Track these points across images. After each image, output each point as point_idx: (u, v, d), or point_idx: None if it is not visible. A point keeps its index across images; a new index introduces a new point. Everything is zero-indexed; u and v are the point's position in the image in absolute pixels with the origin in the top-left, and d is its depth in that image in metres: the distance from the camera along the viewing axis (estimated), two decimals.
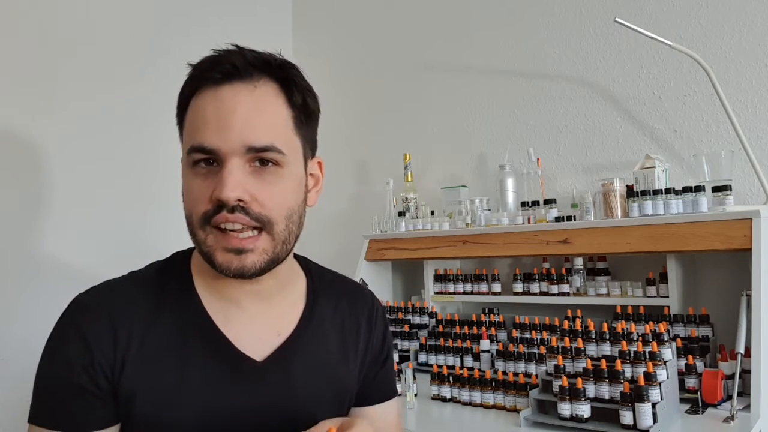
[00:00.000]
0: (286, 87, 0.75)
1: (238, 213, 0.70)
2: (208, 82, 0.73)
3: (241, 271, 0.72)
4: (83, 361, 0.71)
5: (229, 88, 0.72)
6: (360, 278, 1.99)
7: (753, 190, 1.57)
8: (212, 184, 0.71)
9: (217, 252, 0.72)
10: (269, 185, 0.72)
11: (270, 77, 0.75)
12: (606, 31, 1.83)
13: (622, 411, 1.10)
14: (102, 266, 1.04)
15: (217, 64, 0.73)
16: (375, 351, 0.92)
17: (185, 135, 0.75)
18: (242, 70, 0.72)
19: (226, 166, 0.70)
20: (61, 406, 0.71)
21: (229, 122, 0.70)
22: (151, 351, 0.73)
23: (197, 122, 0.72)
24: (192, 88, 0.75)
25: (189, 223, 0.74)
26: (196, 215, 0.72)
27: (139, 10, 1.98)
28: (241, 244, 0.71)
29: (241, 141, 0.70)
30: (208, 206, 0.71)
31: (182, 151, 0.76)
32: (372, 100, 2.44)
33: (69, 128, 1.77)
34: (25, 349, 1.55)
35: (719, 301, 1.48)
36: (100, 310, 0.74)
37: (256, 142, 0.71)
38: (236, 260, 0.71)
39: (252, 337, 0.78)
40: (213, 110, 0.71)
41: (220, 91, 0.72)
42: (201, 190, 0.71)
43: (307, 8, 2.66)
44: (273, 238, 0.73)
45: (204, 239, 0.72)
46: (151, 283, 0.79)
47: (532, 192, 1.83)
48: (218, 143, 0.70)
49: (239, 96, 0.72)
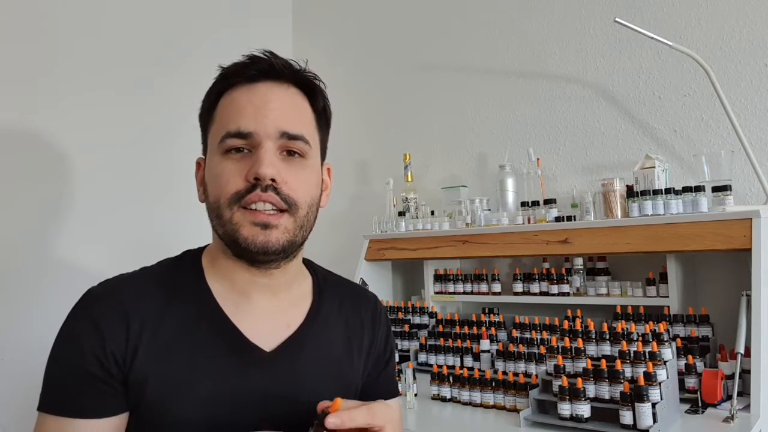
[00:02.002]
0: (311, 93, 0.83)
1: (270, 192, 0.74)
2: (242, 79, 0.78)
3: (265, 246, 0.75)
4: (95, 349, 0.72)
5: (263, 85, 0.78)
6: (360, 278, 1.99)
7: (753, 190, 1.57)
8: (245, 166, 0.75)
9: (243, 227, 0.75)
10: (297, 172, 0.78)
11: (297, 83, 0.81)
12: (606, 31, 1.83)
13: (622, 411, 1.11)
14: (108, 267, 1.04)
15: (251, 64, 0.79)
16: (378, 350, 0.94)
17: (216, 126, 0.79)
18: (277, 71, 0.79)
19: (262, 147, 0.75)
20: (72, 393, 0.73)
21: (264, 110, 0.76)
22: (163, 340, 0.75)
23: (231, 112, 0.77)
24: (224, 86, 0.80)
25: (215, 207, 0.77)
26: (225, 196, 0.75)
27: (143, 15, 1.98)
28: (267, 219, 0.75)
29: (276, 126, 0.76)
30: (240, 185, 0.75)
31: (209, 143, 0.80)
32: (372, 100, 2.44)
33: (82, 129, 1.77)
34: (27, 349, 1.56)
35: (719, 301, 1.48)
36: (112, 300, 0.76)
37: (290, 129, 0.77)
38: (261, 234, 0.75)
39: (262, 329, 0.80)
40: (248, 101, 0.77)
41: (255, 86, 0.78)
42: (233, 172, 0.75)
43: (307, 9, 2.66)
44: (295, 220, 0.77)
45: (230, 217, 0.75)
46: (163, 276, 0.81)
47: (532, 192, 1.83)
48: (255, 127, 0.75)
49: (273, 91, 0.78)
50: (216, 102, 0.80)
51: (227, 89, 0.79)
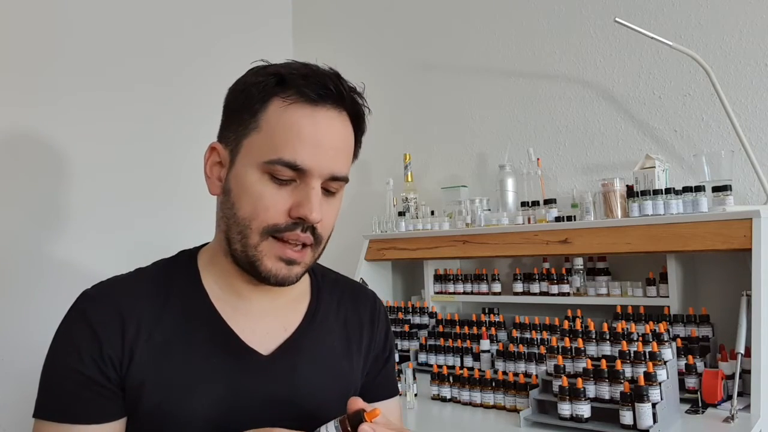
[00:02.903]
0: (359, 124, 0.80)
1: (308, 232, 0.74)
2: (302, 97, 0.73)
3: (285, 280, 0.75)
4: (92, 352, 0.72)
5: (324, 111, 0.74)
6: (360, 278, 1.99)
7: (753, 190, 1.57)
8: (288, 197, 0.73)
9: (267, 259, 0.74)
10: (330, 209, 0.78)
11: (349, 110, 0.78)
12: (606, 31, 1.83)
13: (622, 411, 1.10)
14: (108, 266, 1.04)
15: (314, 81, 0.74)
16: (378, 349, 0.93)
17: (264, 140, 0.73)
18: (337, 97, 0.75)
19: (313, 188, 0.73)
20: (70, 398, 0.72)
21: (324, 147, 0.73)
22: (159, 343, 0.74)
23: (289, 136, 0.72)
24: (278, 92, 0.74)
25: (242, 225, 0.74)
26: (261, 222, 0.73)
27: (143, 14, 1.98)
28: (294, 255, 0.75)
29: (330, 168, 0.74)
30: (281, 220, 0.73)
31: (244, 149, 0.74)
32: (372, 100, 2.41)
33: (79, 129, 1.77)
34: (26, 350, 1.55)
35: (719, 301, 1.48)
36: (107, 303, 0.75)
37: (339, 172, 0.76)
38: (285, 269, 0.75)
39: (258, 332, 0.79)
40: (310, 131, 0.73)
41: (317, 112, 0.74)
42: (276, 201, 0.73)
43: (307, 9, 2.66)
44: (314, 254, 0.78)
45: (257, 244, 0.74)
46: (158, 278, 0.80)
47: (532, 192, 1.83)
48: (310, 165, 0.72)
49: (333, 123, 0.75)
50: (263, 106, 0.74)
51: (281, 98, 0.73)
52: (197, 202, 0.84)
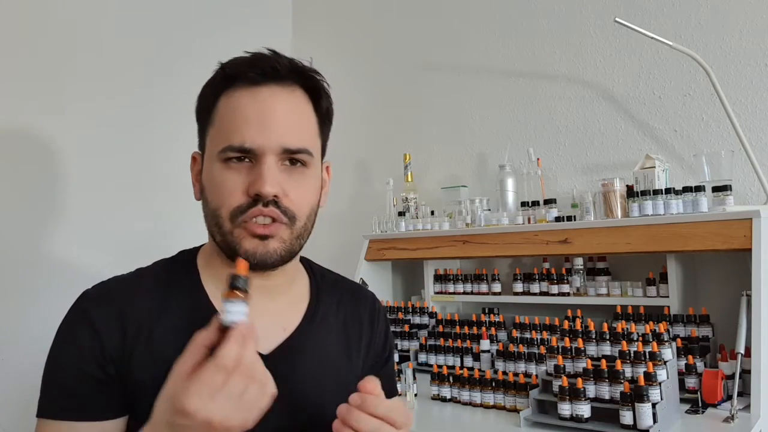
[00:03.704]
0: (315, 95, 0.81)
1: (271, 207, 0.74)
2: (244, 81, 0.76)
3: (264, 257, 0.75)
4: (94, 351, 0.73)
5: (267, 89, 0.76)
6: (360, 278, 1.99)
7: (753, 190, 1.57)
8: (246, 178, 0.74)
9: (243, 240, 0.75)
10: (298, 183, 0.77)
11: (301, 84, 0.79)
12: (606, 31, 1.83)
13: (622, 411, 1.10)
14: (108, 266, 1.04)
15: (254, 65, 0.76)
16: (377, 349, 0.93)
17: (217, 131, 0.77)
18: (280, 73, 0.76)
19: (265, 163, 0.74)
20: (72, 396, 0.72)
21: (269, 123, 0.74)
22: (159, 342, 0.75)
23: (235, 120, 0.75)
24: (225, 85, 0.77)
25: (215, 215, 0.76)
26: (226, 208, 0.75)
27: (143, 14, 1.98)
28: (264, 230, 0.75)
29: (280, 141, 0.74)
30: (241, 200, 0.74)
31: (207, 145, 0.79)
32: (372, 100, 2.43)
33: (78, 128, 1.77)
34: (26, 349, 1.55)
35: (719, 301, 1.48)
36: (108, 302, 0.76)
37: (292, 144, 0.75)
38: (261, 246, 0.75)
39: (258, 332, 0.79)
40: (253, 110, 0.75)
41: (258, 91, 0.75)
42: (235, 184, 0.74)
43: (307, 9, 2.66)
44: (291, 231, 0.77)
45: (231, 230, 0.75)
46: (158, 277, 0.81)
47: (532, 192, 1.83)
48: (258, 142, 0.73)
49: (278, 97, 0.76)
50: (215, 102, 0.78)
51: (228, 89, 0.77)
52: (197, 203, 0.85)
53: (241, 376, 0.58)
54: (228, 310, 0.60)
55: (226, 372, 0.57)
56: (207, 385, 0.57)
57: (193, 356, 0.59)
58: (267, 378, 0.62)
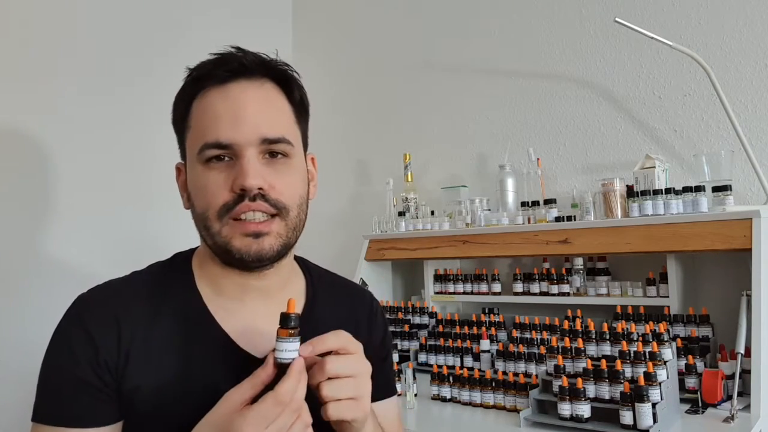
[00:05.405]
0: (286, 85, 0.80)
1: (259, 201, 0.73)
2: (213, 81, 0.76)
3: (259, 254, 0.74)
4: (88, 356, 0.72)
5: (237, 85, 0.75)
6: (360, 278, 1.99)
7: (753, 190, 1.57)
8: (230, 176, 0.73)
9: (234, 239, 0.74)
10: (282, 174, 0.76)
11: (271, 77, 0.78)
12: (606, 31, 1.83)
13: (622, 411, 1.10)
14: (103, 268, 1.04)
15: (221, 64, 0.76)
16: (375, 349, 0.92)
17: (193, 134, 0.77)
18: (248, 68, 0.76)
19: (245, 157, 0.73)
20: (67, 401, 0.72)
21: (242, 116, 0.74)
22: (154, 347, 0.74)
23: (207, 120, 0.75)
24: (195, 89, 0.77)
25: (203, 218, 0.76)
26: (213, 208, 0.74)
27: (139, 12, 1.98)
28: (257, 228, 0.74)
29: (256, 133, 0.74)
30: (227, 197, 0.73)
31: (187, 151, 0.79)
32: (372, 100, 2.43)
33: (72, 129, 1.76)
34: (24, 351, 1.55)
35: (719, 301, 1.48)
36: (103, 307, 0.75)
37: (270, 134, 0.74)
38: (254, 244, 0.74)
39: (253, 334, 0.79)
40: (223, 106, 0.74)
41: (228, 88, 0.75)
42: (218, 183, 0.74)
43: (307, 9, 2.66)
44: (286, 223, 0.76)
45: (220, 230, 0.74)
46: (153, 281, 0.80)
47: (532, 192, 1.83)
48: (234, 137, 0.73)
49: (248, 92, 0.75)
50: (189, 108, 0.78)
51: (199, 93, 0.77)
52: None
53: (291, 411, 0.64)
54: (283, 349, 0.65)
55: (282, 406, 0.63)
56: (264, 417, 0.62)
57: (252, 389, 0.65)
58: (307, 412, 0.67)
